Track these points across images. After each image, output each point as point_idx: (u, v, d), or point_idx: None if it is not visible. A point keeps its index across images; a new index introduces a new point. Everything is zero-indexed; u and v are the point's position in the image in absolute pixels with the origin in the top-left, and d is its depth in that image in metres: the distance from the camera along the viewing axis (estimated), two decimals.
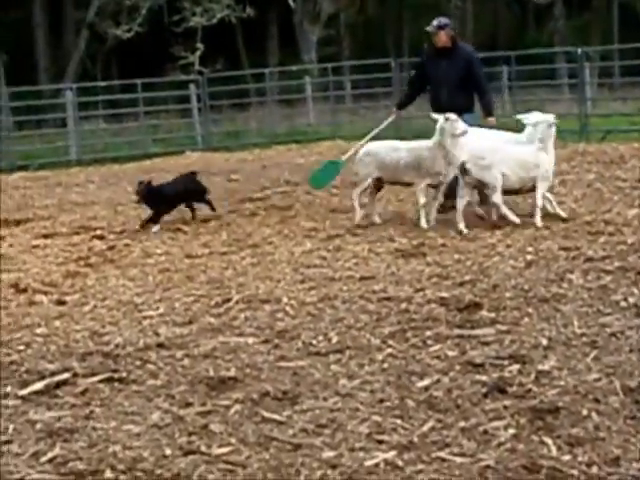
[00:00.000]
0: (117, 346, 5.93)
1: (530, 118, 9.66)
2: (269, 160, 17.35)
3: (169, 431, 4.53)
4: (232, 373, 5.29)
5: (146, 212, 10.49)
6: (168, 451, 4.30)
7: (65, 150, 20.55)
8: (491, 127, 10.24)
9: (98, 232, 10.32)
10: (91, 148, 20.68)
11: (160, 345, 5.91)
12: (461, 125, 9.29)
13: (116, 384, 5.25)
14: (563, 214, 9.28)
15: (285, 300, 6.84)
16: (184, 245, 9.33)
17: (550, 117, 9.59)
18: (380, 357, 5.46)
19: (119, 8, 31.34)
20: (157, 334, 6.18)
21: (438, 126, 9.36)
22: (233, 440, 4.39)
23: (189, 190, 10.71)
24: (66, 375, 5.40)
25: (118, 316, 6.73)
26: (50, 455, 4.32)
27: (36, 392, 5.18)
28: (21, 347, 6.05)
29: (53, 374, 5.43)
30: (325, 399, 4.85)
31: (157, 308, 6.88)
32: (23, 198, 13.86)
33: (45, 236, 10.35)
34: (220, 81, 23.30)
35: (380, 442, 4.31)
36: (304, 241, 9.10)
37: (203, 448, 4.32)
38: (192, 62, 29.46)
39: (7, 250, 9.64)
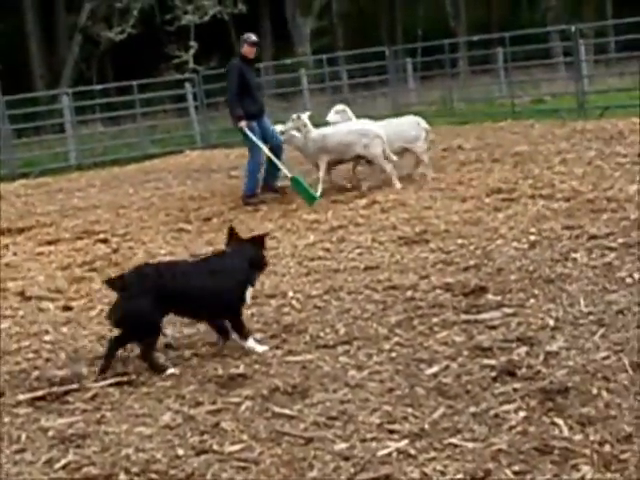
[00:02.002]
0: (125, 349, 5.93)
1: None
2: None
3: (181, 431, 4.54)
4: (241, 370, 5.30)
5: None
6: (181, 451, 4.31)
7: (65, 155, 20.57)
8: None
9: (101, 236, 10.33)
10: (90, 152, 20.69)
11: (168, 346, 5.92)
12: None
13: (126, 387, 5.26)
14: None
15: (291, 294, 6.84)
16: (188, 244, 9.33)
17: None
18: (388, 346, 5.46)
19: (111, 11, 31.29)
20: (164, 335, 6.17)
21: None
22: (245, 437, 4.40)
23: None
24: (76, 381, 5.41)
25: None
26: (64, 461, 4.33)
27: (47, 399, 5.19)
28: (30, 355, 6.07)
29: (63, 380, 5.44)
30: (335, 391, 4.86)
31: None
32: (25, 206, 13.87)
33: (49, 242, 10.36)
34: (215, 78, 23.23)
35: (392, 432, 4.31)
36: (307, 234, 9.10)
37: (215, 447, 4.32)
38: (186, 61, 29.42)
39: (11, 259, 9.65)
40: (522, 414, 4.33)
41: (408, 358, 5.23)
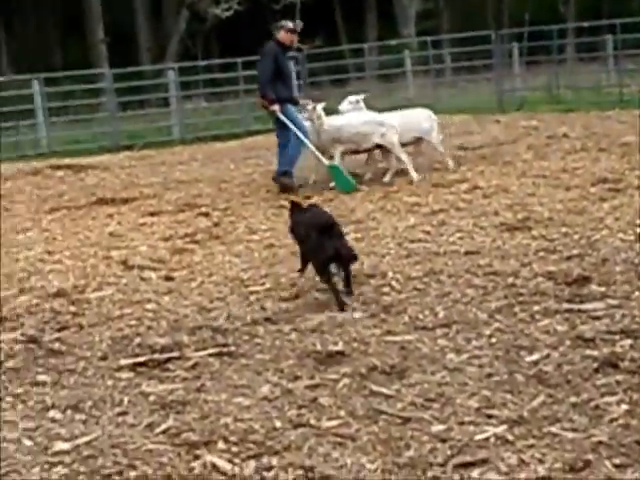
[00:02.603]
0: (225, 321, 6.02)
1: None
2: None
3: (279, 404, 4.59)
4: (339, 347, 5.32)
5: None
6: (278, 424, 4.35)
7: (168, 129, 20.87)
8: None
9: (203, 209, 10.47)
10: (193, 127, 20.94)
11: (267, 319, 5.99)
12: None
13: (225, 358, 5.33)
14: None
15: (390, 275, 6.83)
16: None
17: None
18: (488, 331, 5.42)
19: None
20: (264, 309, 6.25)
21: None
22: (342, 413, 4.42)
23: None
24: (176, 349, 5.51)
25: (225, 291, 6.83)
26: (164, 426, 4.41)
27: (148, 365, 5.30)
28: (132, 322, 6.20)
29: (164, 348, 5.55)
30: (433, 373, 4.84)
31: (263, 283, 6.95)
32: (129, 177, 14.15)
33: (152, 214, 10.54)
34: (319, 57, 23.32)
35: (489, 416, 4.28)
36: (407, 216, 9.07)
37: (312, 421, 4.36)
38: None
39: (115, 228, 9.86)
40: (624, 407, 4.25)
41: (508, 344, 5.18)
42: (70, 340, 5.89)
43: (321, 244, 6.22)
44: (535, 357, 4.95)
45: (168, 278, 7.43)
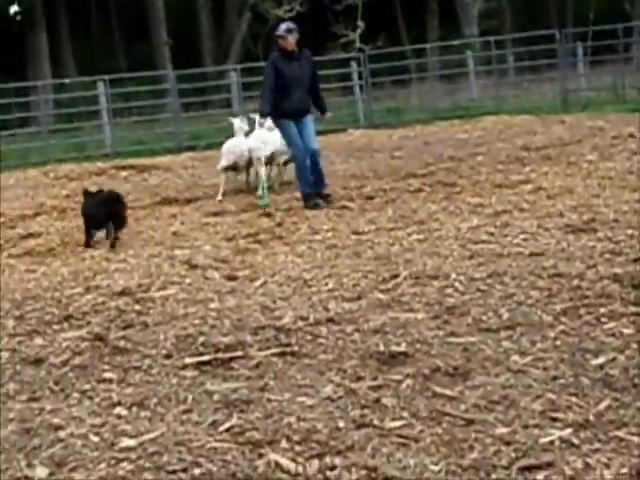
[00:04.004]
0: (288, 320, 6.04)
1: None
2: (432, 136, 17.27)
3: (342, 404, 4.59)
4: (402, 348, 5.31)
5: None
6: (341, 424, 4.36)
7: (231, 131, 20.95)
8: None
9: (265, 209, 10.52)
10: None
11: (330, 320, 5.99)
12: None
13: (288, 357, 5.35)
14: None
15: (453, 276, 6.80)
16: (350, 221, 9.40)
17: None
18: (552, 334, 5.37)
19: None
20: (327, 309, 6.26)
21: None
22: (405, 414, 4.41)
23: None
24: (240, 348, 5.55)
25: (288, 291, 6.85)
26: (227, 425, 4.44)
27: (212, 364, 5.35)
28: (196, 321, 6.25)
29: (227, 347, 5.59)
30: (497, 375, 4.81)
31: (326, 284, 6.96)
32: (192, 177, 14.29)
33: (214, 214, 10.63)
34: (381, 58, 23.31)
35: (554, 420, 4.24)
36: (471, 217, 9.02)
37: (376, 421, 4.35)
38: (353, 40, 29.53)
39: (179, 228, 9.96)
40: None
41: (573, 347, 5.12)
42: (135, 338, 5.96)
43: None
44: (601, 360, 4.89)
45: (231, 278, 7.48)
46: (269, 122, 11.32)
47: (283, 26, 10.75)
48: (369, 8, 30.41)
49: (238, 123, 12.50)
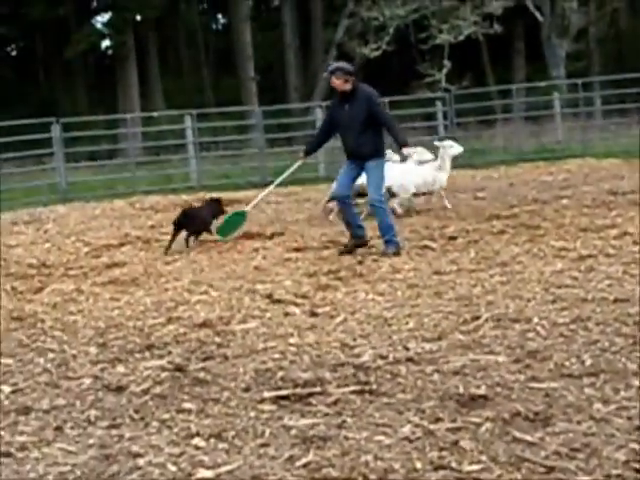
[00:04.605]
0: (368, 359, 6.03)
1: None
2: (516, 178, 17.16)
3: (419, 445, 4.55)
4: (482, 391, 5.25)
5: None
6: (419, 465, 4.32)
7: (314, 166, 21.16)
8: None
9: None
10: (339, 165, 21.12)
11: (410, 359, 5.96)
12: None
13: (367, 395, 5.33)
14: None
15: (536, 320, 6.71)
16: (432, 261, 9.36)
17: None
18: (637, 382, 5.24)
19: (367, 27, 31.99)
20: (407, 348, 6.23)
21: None
22: (484, 458, 4.35)
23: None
24: (319, 384, 5.55)
25: (368, 329, 6.84)
26: (304, 460, 4.44)
27: (290, 399, 5.36)
28: (276, 355, 6.27)
29: (306, 383, 5.60)
30: (579, 422, 4.72)
31: (406, 323, 6.93)
32: (275, 212, 14.42)
33: (296, 249, 10.69)
34: (466, 98, 23.28)
35: (638, 471, 4.14)
36: (554, 261, 8.90)
37: (454, 464, 4.30)
38: (438, 79, 29.57)
39: (261, 262, 10.03)
40: None
41: None
42: (215, 370, 6.01)
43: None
44: None
45: (312, 314, 7.50)
46: (418, 156, 11.59)
47: (330, 67, 10.34)
48: (455, 48, 30.45)
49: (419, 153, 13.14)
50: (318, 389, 5.48)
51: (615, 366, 5.57)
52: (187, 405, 5.36)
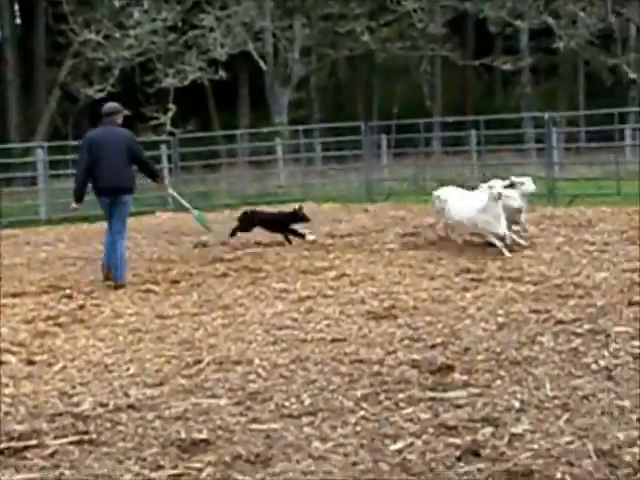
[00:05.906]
0: (87, 407, 5.86)
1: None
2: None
3: None
4: (204, 435, 5.24)
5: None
6: None
7: (35, 209, 20.49)
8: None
9: (67, 291, 10.25)
10: (61, 207, 20.59)
11: (131, 406, 5.85)
12: None
13: (86, 446, 5.18)
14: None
15: (257, 362, 6.81)
16: (155, 305, 9.28)
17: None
18: (353, 420, 5.43)
19: (91, 68, 31.52)
20: (127, 395, 6.12)
21: None
22: None
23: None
24: (35, 437, 5.33)
25: (88, 377, 6.66)
26: None
27: (4, 454, 5.10)
28: None
29: (21, 435, 5.35)
30: (298, 462, 4.81)
31: (127, 369, 6.82)
32: None
33: (13, 295, 10.24)
34: (191, 142, 23.42)
35: None
36: (275, 302, 9.09)
37: None
38: (164, 123, 29.56)
39: None
40: None
41: (373, 433, 5.20)
42: None
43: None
44: (399, 445, 4.98)
45: (29, 362, 7.22)
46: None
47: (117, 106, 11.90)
48: (181, 91, 30.61)
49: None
50: (34, 442, 5.25)
51: (332, 404, 5.75)
52: None
